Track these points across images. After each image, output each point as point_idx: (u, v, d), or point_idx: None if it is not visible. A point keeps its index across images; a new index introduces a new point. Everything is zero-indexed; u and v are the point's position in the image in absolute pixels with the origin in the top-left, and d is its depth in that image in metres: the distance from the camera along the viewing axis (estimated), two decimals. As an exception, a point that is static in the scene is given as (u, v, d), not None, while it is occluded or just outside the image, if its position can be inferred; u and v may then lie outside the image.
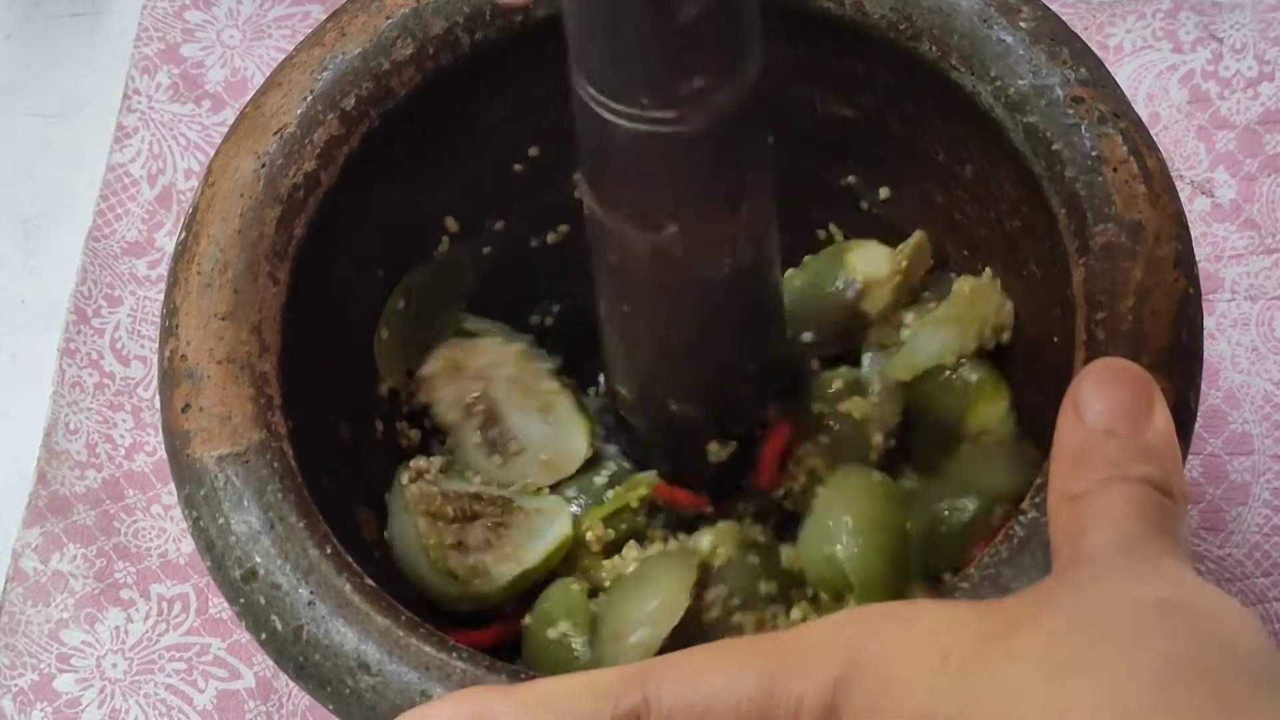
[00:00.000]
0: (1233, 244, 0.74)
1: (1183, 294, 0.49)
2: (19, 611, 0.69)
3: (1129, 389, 0.41)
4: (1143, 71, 0.77)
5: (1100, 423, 0.40)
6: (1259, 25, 0.78)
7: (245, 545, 0.48)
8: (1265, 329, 0.73)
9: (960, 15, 0.54)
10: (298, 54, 0.56)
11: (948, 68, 0.54)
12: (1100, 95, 0.52)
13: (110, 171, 0.78)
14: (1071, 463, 0.40)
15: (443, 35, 0.56)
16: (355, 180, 0.56)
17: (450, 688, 0.45)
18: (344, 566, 0.48)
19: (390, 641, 0.46)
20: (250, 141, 0.54)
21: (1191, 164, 0.76)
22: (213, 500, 0.49)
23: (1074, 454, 0.41)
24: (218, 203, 0.53)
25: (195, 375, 0.51)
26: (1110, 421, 0.40)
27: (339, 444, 0.59)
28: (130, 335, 0.75)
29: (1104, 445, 0.40)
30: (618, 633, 0.54)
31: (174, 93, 0.79)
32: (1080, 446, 0.40)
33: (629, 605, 0.55)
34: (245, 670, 0.69)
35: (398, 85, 0.56)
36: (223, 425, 0.50)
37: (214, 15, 0.81)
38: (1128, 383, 0.41)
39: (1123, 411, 0.41)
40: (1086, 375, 0.42)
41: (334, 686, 0.46)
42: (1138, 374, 0.42)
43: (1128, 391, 0.41)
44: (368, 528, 0.58)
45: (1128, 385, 0.41)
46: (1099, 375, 0.42)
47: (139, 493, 0.72)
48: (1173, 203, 0.50)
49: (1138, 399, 0.41)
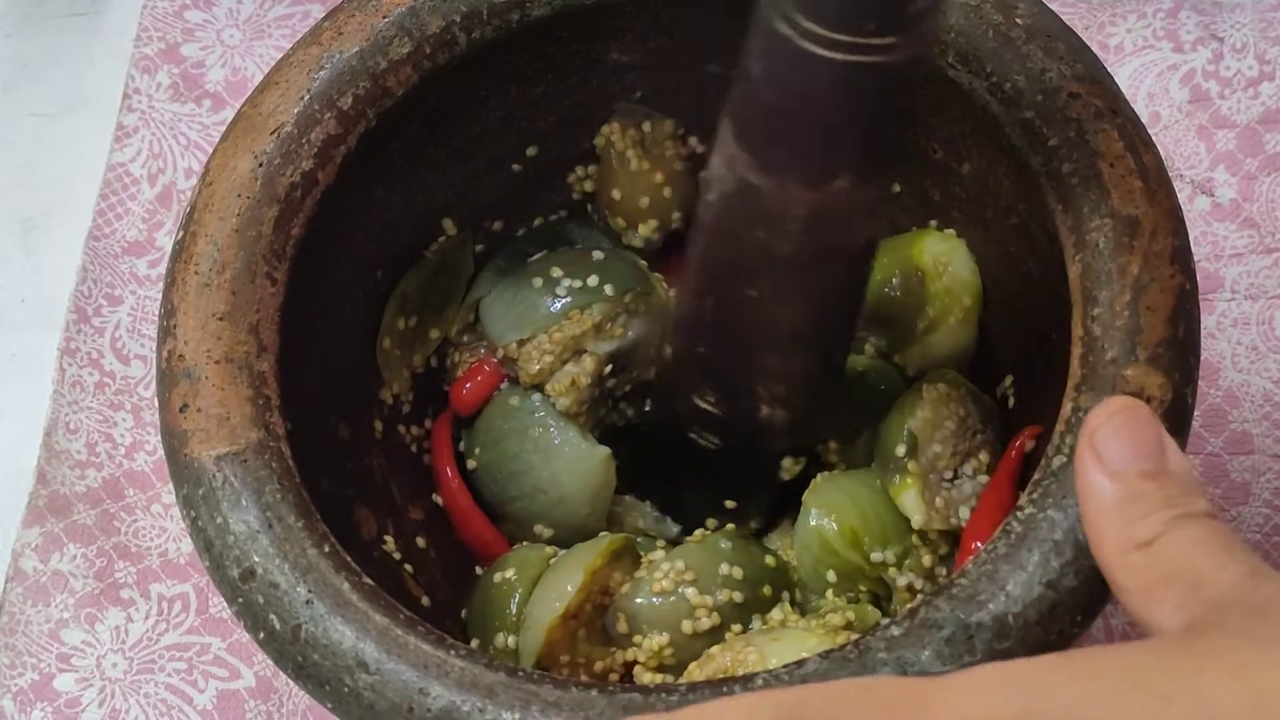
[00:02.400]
0: (1233, 243, 0.74)
1: (1179, 289, 0.49)
2: (19, 611, 0.69)
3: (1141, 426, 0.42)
4: (1143, 71, 0.77)
5: (1128, 464, 0.42)
6: (1259, 25, 0.78)
7: (243, 545, 0.48)
8: (1265, 328, 0.73)
9: (956, 12, 0.54)
10: (295, 53, 0.56)
11: (944, 65, 0.54)
12: (1096, 90, 0.52)
13: (110, 171, 0.78)
14: (1120, 510, 0.41)
15: (440, 34, 0.56)
16: (353, 180, 0.56)
17: (448, 686, 0.45)
18: (342, 565, 0.48)
19: (388, 640, 0.46)
20: (248, 141, 0.54)
21: (1192, 163, 0.76)
22: (211, 500, 0.49)
23: (1117, 500, 0.41)
24: (215, 202, 0.53)
25: (193, 375, 0.51)
26: (1134, 462, 0.42)
27: (338, 444, 0.59)
28: (130, 334, 0.75)
29: (1148, 489, 0.41)
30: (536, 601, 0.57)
31: (174, 92, 0.79)
32: (1120, 493, 0.41)
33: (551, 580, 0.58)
34: (245, 670, 0.69)
35: (395, 85, 0.56)
36: (221, 425, 0.50)
37: (214, 15, 0.81)
38: (1137, 420, 0.43)
39: (1145, 450, 0.42)
40: (1100, 422, 0.43)
41: (332, 685, 0.46)
42: (1144, 411, 0.43)
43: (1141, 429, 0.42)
44: (367, 527, 0.58)
45: (1138, 423, 0.43)
46: (1109, 419, 0.43)
47: (139, 492, 0.72)
48: (1169, 198, 0.50)
49: (1151, 434, 0.42)
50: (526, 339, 0.62)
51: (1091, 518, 0.42)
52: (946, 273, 0.60)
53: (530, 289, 0.63)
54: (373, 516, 0.59)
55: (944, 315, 0.61)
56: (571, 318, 0.61)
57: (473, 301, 0.64)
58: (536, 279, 0.63)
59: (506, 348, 0.62)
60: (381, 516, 0.60)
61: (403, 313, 0.62)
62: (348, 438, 0.60)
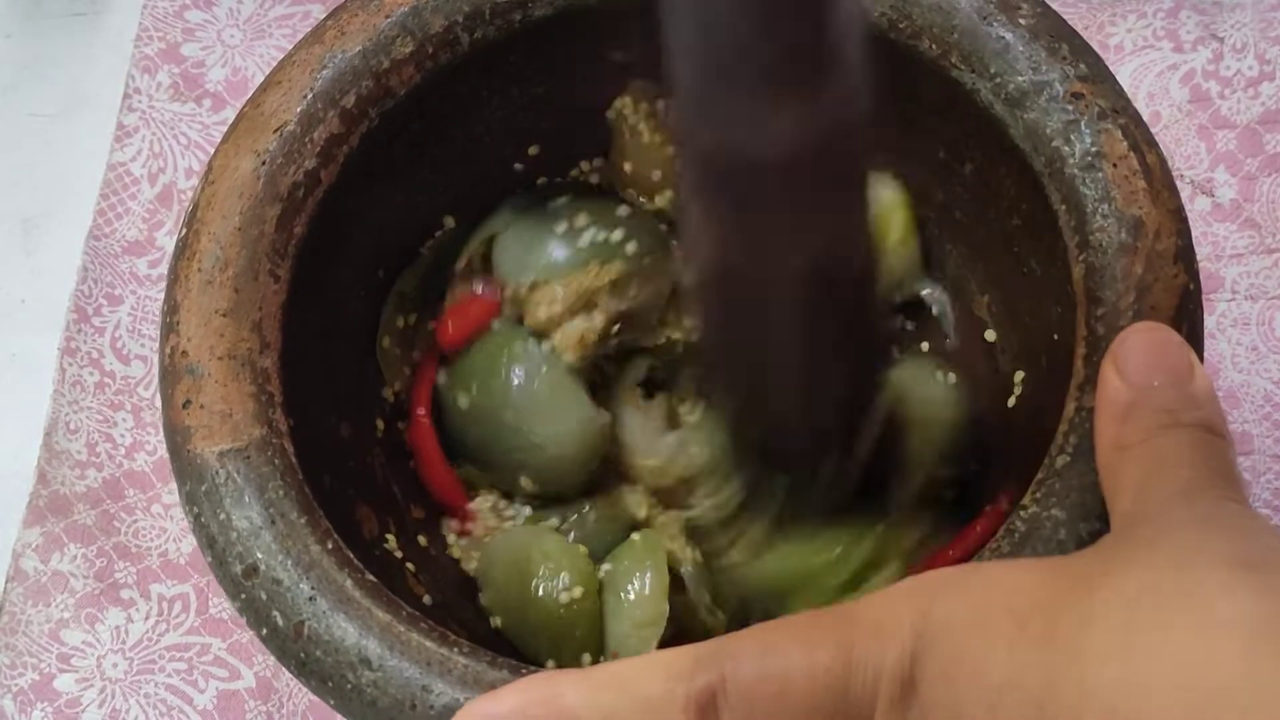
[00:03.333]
0: (1233, 244, 0.74)
1: (1183, 289, 0.49)
2: (19, 611, 0.69)
3: (1169, 347, 0.42)
4: (1143, 71, 0.77)
5: (1144, 377, 0.42)
6: (1260, 25, 0.78)
7: (246, 541, 0.48)
8: (1265, 329, 0.73)
9: (960, 13, 0.54)
10: (297, 52, 0.56)
11: (948, 65, 0.54)
12: (1100, 91, 0.52)
13: (111, 170, 0.78)
14: (1120, 414, 0.41)
15: (442, 34, 0.56)
16: (355, 179, 0.56)
17: (451, 683, 0.45)
18: (345, 562, 0.48)
19: (391, 637, 0.46)
20: (250, 140, 0.54)
21: (1192, 163, 0.76)
22: (214, 496, 0.49)
23: (1121, 406, 0.41)
24: (218, 201, 0.53)
25: (196, 371, 0.51)
26: (1154, 376, 0.42)
27: (340, 441, 0.59)
28: (131, 334, 0.75)
29: (1153, 395, 0.41)
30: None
31: (174, 92, 0.79)
32: (1127, 399, 0.41)
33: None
34: (245, 670, 0.69)
35: (397, 84, 0.56)
36: (224, 421, 0.50)
37: (214, 15, 0.81)
38: (1167, 342, 0.43)
39: (1166, 366, 0.42)
40: (1127, 335, 0.43)
41: (335, 682, 0.46)
42: (1175, 336, 0.43)
43: (1168, 349, 0.42)
44: (368, 525, 0.58)
45: (1167, 344, 0.43)
46: (1138, 334, 0.43)
47: (139, 492, 0.72)
48: (1173, 198, 0.50)
49: (1178, 356, 0.42)
50: (540, 283, 0.61)
51: (1097, 423, 0.42)
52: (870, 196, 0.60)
53: (551, 233, 0.61)
54: (374, 515, 0.59)
55: (883, 237, 0.60)
56: (590, 270, 0.60)
57: (486, 235, 0.63)
58: (560, 224, 0.61)
59: (517, 289, 0.61)
60: (382, 515, 0.59)
61: (401, 311, 0.62)
62: (349, 435, 0.60)
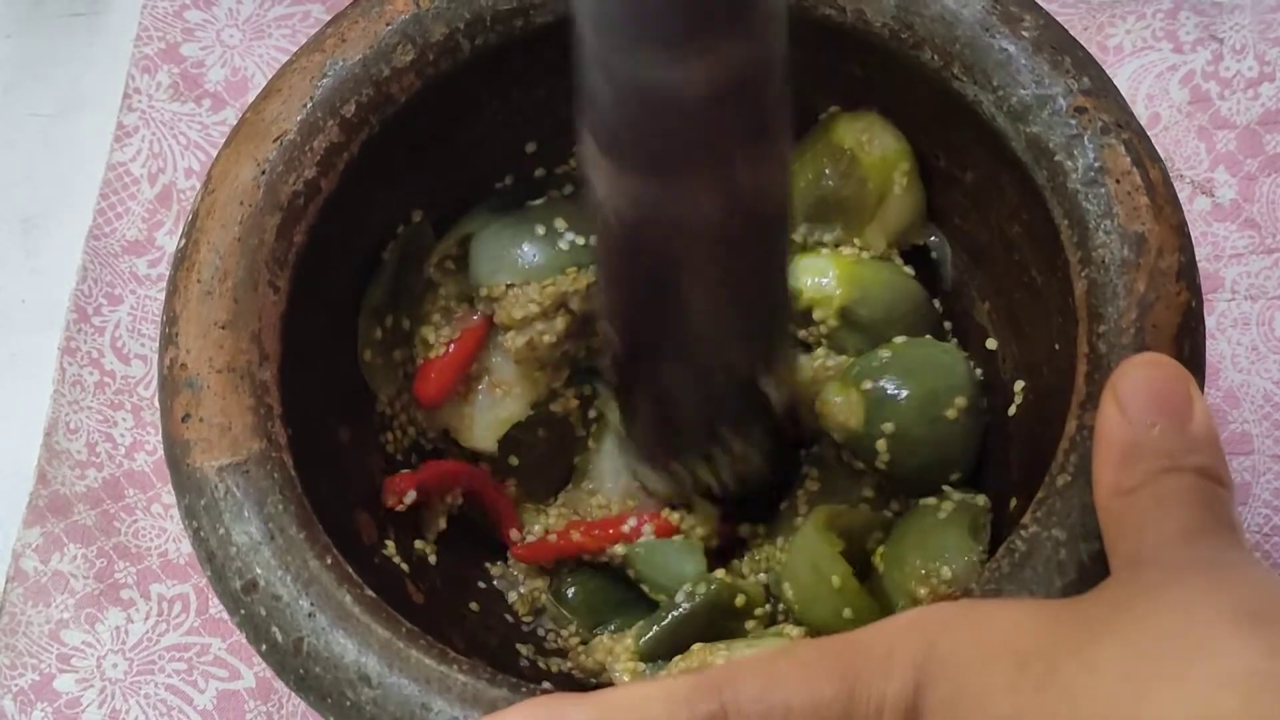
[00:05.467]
0: (1233, 244, 0.74)
1: (1185, 307, 0.48)
2: (19, 611, 0.69)
3: (1170, 382, 0.42)
4: (1143, 72, 0.77)
5: (1145, 416, 0.41)
6: (1259, 26, 0.77)
7: (246, 556, 0.48)
8: (1265, 329, 0.73)
9: (962, 24, 0.53)
10: (298, 59, 0.56)
11: (949, 77, 0.54)
12: (1103, 105, 0.51)
13: (110, 170, 0.78)
14: (1120, 456, 0.41)
15: (443, 41, 0.56)
16: (355, 187, 0.56)
17: (451, 700, 0.45)
18: (344, 578, 0.48)
19: (391, 654, 0.46)
20: (250, 148, 0.54)
21: (1192, 164, 0.76)
22: (213, 511, 0.49)
23: (1122, 447, 0.41)
24: (217, 210, 0.53)
25: (195, 385, 0.51)
26: (1154, 415, 0.41)
27: (338, 447, 0.59)
28: (131, 334, 0.75)
29: (1153, 438, 0.41)
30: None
31: (174, 92, 0.79)
32: (1127, 440, 0.41)
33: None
34: (245, 670, 0.69)
35: (398, 91, 0.56)
36: (223, 435, 0.50)
37: (214, 15, 0.80)
38: (1168, 376, 0.42)
39: (1166, 405, 0.41)
40: (1127, 370, 0.42)
41: (334, 699, 0.46)
42: (1176, 368, 0.43)
43: (1169, 385, 0.42)
44: (367, 532, 0.58)
45: (1169, 379, 0.42)
46: (1139, 369, 0.43)
47: (139, 492, 0.72)
48: (1175, 214, 0.50)
49: (1179, 392, 0.42)
50: (517, 284, 0.61)
51: (1096, 461, 0.42)
52: (874, 145, 0.60)
53: (530, 235, 0.61)
54: (373, 521, 0.59)
55: (887, 185, 0.60)
56: (568, 274, 0.60)
57: (460, 235, 0.63)
58: (539, 226, 0.61)
59: (492, 289, 0.61)
60: (382, 522, 0.59)
61: (378, 323, 0.61)
62: (348, 440, 0.60)
